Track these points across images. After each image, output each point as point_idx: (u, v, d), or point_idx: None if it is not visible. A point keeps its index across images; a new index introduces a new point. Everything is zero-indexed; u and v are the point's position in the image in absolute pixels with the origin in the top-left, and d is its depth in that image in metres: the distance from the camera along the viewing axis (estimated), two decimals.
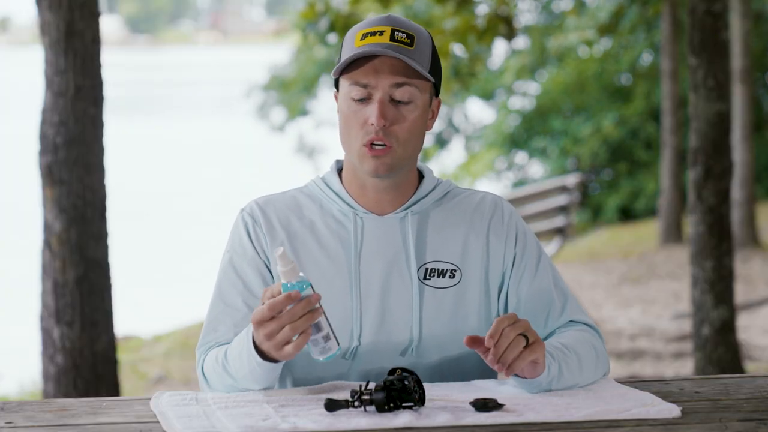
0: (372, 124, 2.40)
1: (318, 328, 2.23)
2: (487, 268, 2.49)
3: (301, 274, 2.22)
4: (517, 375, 2.32)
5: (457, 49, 7.93)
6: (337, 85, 2.49)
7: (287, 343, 2.21)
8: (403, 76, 2.40)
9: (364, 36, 2.41)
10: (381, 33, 2.41)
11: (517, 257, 2.51)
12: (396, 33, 2.41)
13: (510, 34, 7.32)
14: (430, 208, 2.52)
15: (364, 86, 2.40)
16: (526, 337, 2.26)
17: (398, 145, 2.42)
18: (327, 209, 2.51)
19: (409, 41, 2.41)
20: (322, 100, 20.08)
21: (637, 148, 16.51)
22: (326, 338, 2.23)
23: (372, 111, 2.40)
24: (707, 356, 5.68)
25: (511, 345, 2.25)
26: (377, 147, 2.41)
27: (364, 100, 2.41)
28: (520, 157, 18.00)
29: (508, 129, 17.63)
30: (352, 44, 2.42)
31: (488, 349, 2.27)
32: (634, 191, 16.36)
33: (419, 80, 2.42)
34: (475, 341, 2.27)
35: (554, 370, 2.33)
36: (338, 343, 2.24)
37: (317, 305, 2.21)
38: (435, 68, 2.46)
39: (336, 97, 2.50)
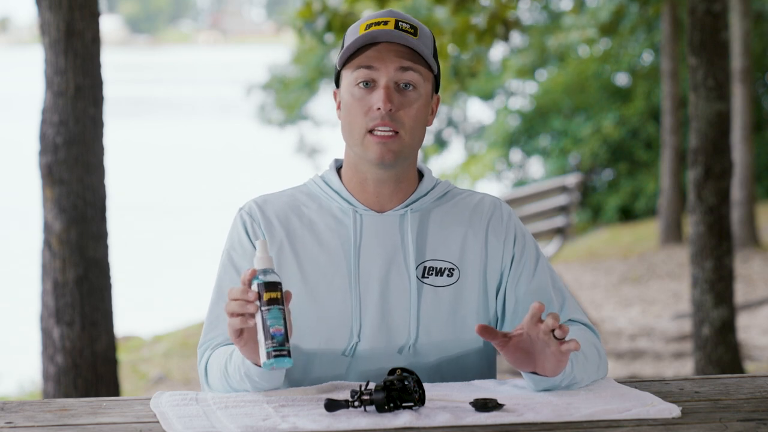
0: (378, 109, 2.41)
1: (257, 329, 2.20)
2: (486, 268, 2.50)
3: (271, 270, 2.20)
4: (535, 372, 2.32)
5: (453, 50, 7.91)
6: (337, 82, 2.50)
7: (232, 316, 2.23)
8: (409, 61, 2.42)
9: (368, 26, 2.44)
10: (385, 23, 2.44)
11: (516, 257, 2.51)
12: (400, 23, 2.44)
13: (505, 34, 7.31)
14: (430, 207, 2.52)
15: (370, 71, 2.42)
16: None
17: (404, 132, 2.43)
18: (326, 207, 2.51)
19: (413, 31, 2.45)
20: (322, 99, 20.09)
21: (637, 148, 16.51)
22: (260, 345, 2.19)
23: (378, 97, 2.41)
24: (707, 356, 5.68)
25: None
26: (383, 132, 2.41)
27: (369, 84, 2.42)
28: (520, 157, 18.01)
29: (508, 129, 17.63)
30: (356, 34, 2.44)
31: (506, 341, 2.27)
32: (634, 191, 16.35)
33: (423, 67, 2.44)
34: (488, 330, 2.27)
35: (568, 368, 2.33)
36: (266, 357, 2.16)
37: (257, 303, 2.18)
38: (436, 62, 2.49)
39: (335, 96, 2.51)
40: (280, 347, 2.16)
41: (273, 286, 2.18)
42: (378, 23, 2.44)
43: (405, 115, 2.42)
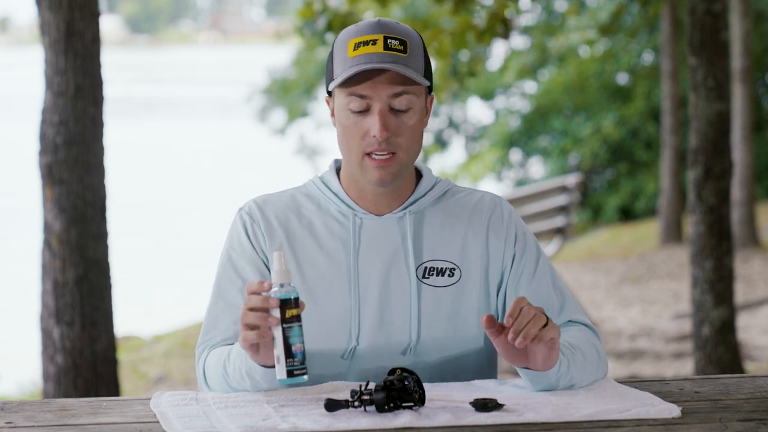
0: (374, 136, 2.39)
1: (273, 344, 2.18)
2: (487, 267, 2.49)
3: (289, 284, 2.18)
4: (528, 368, 2.32)
5: (454, 50, 7.91)
6: (329, 90, 2.48)
7: (247, 330, 2.21)
8: (401, 85, 2.39)
9: (357, 46, 2.39)
10: (374, 42, 2.39)
11: (517, 256, 2.51)
12: (389, 41, 2.39)
13: (506, 32, 7.30)
14: (429, 208, 2.52)
15: (363, 99, 2.40)
16: (545, 315, 2.27)
17: (402, 153, 2.42)
18: (325, 209, 2.51)
19: (402, 48, 2.40)
20: (322, 102, 20.10)
21: (637, 148, 16.51)
22: (277, 360, 2.18)
23: (373, 123, 2.39)
24: (707, 356, 5.68)
25: (532, 320, 2.24)
26: (381, 156, 2.40)
27: (363, 111, 2.41)
28: (521, 157, 18.01)
29: (508, 129, 17.63)
30: (345, 54, 2.40)
31: (500, 332, 2.27)
32: (634, 191, 16.35)
33: (416, 86, 2.41)
34: (491, 321, 2.26)
35: (564, 366, 2.33)
36: (286, 375, 2.16)
37: (276, 314, 2.16)
38: (428, 68, 2.45)
39: (328, 102, 2.49)
40: (301, 366, 2.16)
41: (294, 302, 2.17)
42: (366, 42, 2.38)
43: (402, 138, 2.41)
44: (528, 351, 2.30)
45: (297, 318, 2.17)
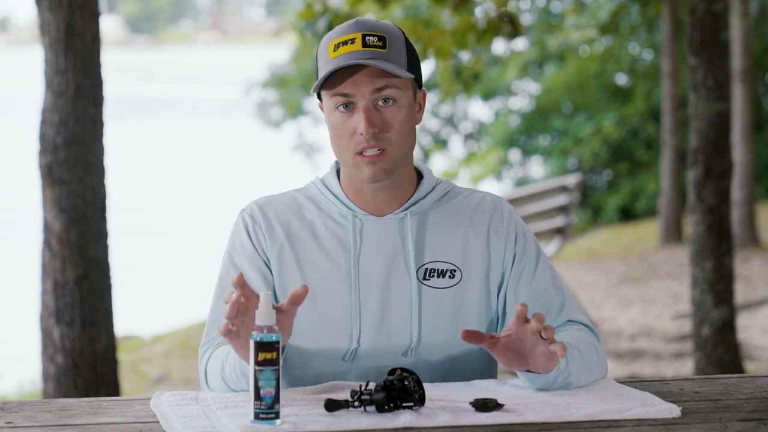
0: (361, 134, 2.40)
1: (249, 383, 2.16)
2: (488, 268, 2.50)
3: (271, 326, 2.13)
4: (529, 370, 2.32)
5: (457, 51, 7.91)
6: (320, 96, 2.49)
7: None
8: (383, 79, 2.40)
9: (336, 47, 2.40)
10: (352, 41, 2.40)
11: (517, 257, 2.51)
12: (367, 38, 2.40)
13: (514, 33, 7.28)
14: (430, 209, 2.52)
15: (346, 97, 2.40)
16: None
17: (392, 148, 2.42)
18: (326, 210, 2.51)
19: (381, 44, 2.41)
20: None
21: (637, 148, 16.51)
22: (250, 399, 2.16)
23: (359, 121, 2.40)
24: (707, 356, 5.68)
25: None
26: (371, 153, 2.41)
27: (349, 107, 2.41)
28: (520, 157, 18.00)
29: (508, 129, 17.62)
30: (327, 56, 2.41)
31: (493, 343, 2.27)
32: (634, 191, 16.35)
33: (399, 79, 2.42)
34: (473, 335, 2.26)
35: (562, 363, 2.33)
36: (254, 417, 2.13)
37: (252, 360, 2.12)
38: (412, 63, 2.46)
39: (321, 107, 2.50)
40: (269, 410, 2.13)
41: (268, 346, 2.12)
42: (345, 42, 2.40)
43: (390, 133, 2.41)
44: (528, 357, 2.30)
45: (271, 362, 2.12)
